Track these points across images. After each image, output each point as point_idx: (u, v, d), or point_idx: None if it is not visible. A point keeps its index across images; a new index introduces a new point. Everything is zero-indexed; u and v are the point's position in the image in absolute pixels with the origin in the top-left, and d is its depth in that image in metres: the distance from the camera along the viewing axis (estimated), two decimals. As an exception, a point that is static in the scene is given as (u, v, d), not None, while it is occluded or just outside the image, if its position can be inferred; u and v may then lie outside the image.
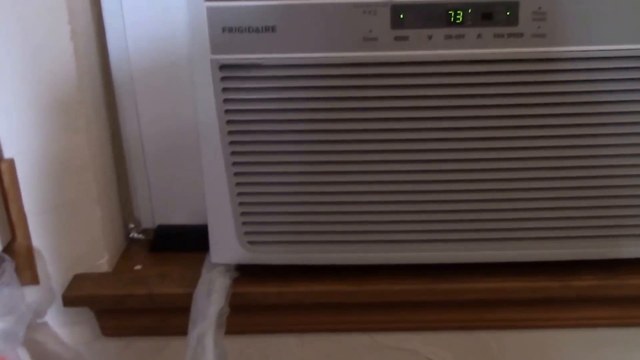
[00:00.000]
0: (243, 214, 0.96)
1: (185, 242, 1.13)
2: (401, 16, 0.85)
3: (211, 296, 0.98)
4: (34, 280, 1.07)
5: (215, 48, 0.88)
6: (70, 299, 1.04)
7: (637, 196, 0.95)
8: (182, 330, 1.07)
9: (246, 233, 0.98)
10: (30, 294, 1.06)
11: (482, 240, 0.98)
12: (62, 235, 1.05)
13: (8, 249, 1.02)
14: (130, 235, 1.17)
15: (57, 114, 0.98)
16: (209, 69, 0.88)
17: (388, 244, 0.98)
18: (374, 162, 0.93)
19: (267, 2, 0.86)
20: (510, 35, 0.85)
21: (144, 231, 1.18)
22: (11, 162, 1.01)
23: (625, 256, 1.00)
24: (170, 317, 1.08)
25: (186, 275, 1.05)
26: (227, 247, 0.99)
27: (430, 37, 0.86)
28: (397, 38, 0.86)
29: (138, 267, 1.09)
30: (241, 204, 0.96)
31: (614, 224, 0.97)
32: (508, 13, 0.84)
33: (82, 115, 0.99)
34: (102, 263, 1.07)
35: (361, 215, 0.97)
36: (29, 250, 1.05)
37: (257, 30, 0.86)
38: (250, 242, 0.98)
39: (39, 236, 1.05)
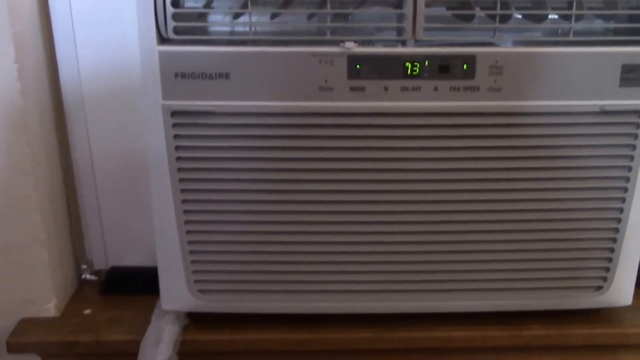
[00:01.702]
0: (193, 262, 0.87)
1: (138, 285, 1.03)
2: (357, 67, 0.77)
3: (159, 345, 0.87)
4: (-21, 324, 0.96)
5: (167, 94, 0.78)
6: (15, 345, 0.93)
7: (581, 249, 0.88)
8: (131, 375, 0.98)
9: (196, 281, 0.88)
10: (-26, 337, 0.95)
11: (434, 292, 0.90)
12: (8, 279, 0.95)
13: (-49, 293, 0.91)
14: (82, 276, 1.07)
15: (3, 156, 0.88)
16: (160, 114, 0.79)
17: (339, 294, 0.90)
18: (326, 213, 0.85)
19: (222, 48, 0.77)
20: (466, 88, 0.78)
21: (96, 272, 1.08)
22: (-44, 204, 0.90)
23: (570, 307, 0.93)
24: (120, 362, 0.98)
25: (136, 320, 0.95)
26: (177, 294, 0.89)
27: (386, 89, 0.78)
28: (353, 88, 0.78)
29: (87, 311, 0.99)
30: (192, 252, 0.87)
31: (560, 277, 0.90)
32: (465, 66, 0.77)
33: (28, 157, 0.89)
34: (50, 307, 0.97)
35: (312, 265, 0.88)
36: (-27, 294, 0.94)
37: (210, 76, 0.78)
38: (201, 291, 0.89)
39: (-17, 279, 0.94)
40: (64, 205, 1.02)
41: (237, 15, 0.79)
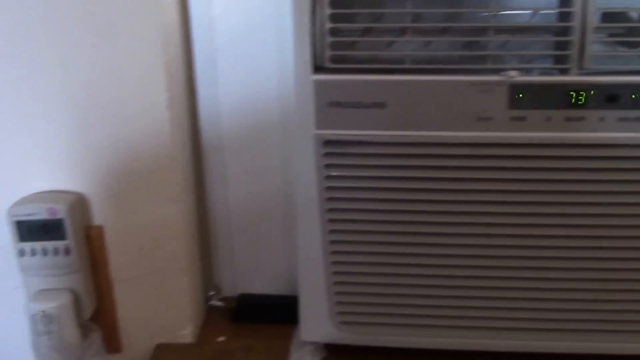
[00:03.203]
0: (337, 293, 0.85)
1: (269, 313, 1.02)
2: (519, 96, 0.74)
3: (302, 377, 0.86)
4: (117, 348, 0.96)
5: (320, 123, 0.77)
6: (155, 372, 0.93)
7: None
8: (263, 405, 0.97)
9: (339, 313, 0.86)
10: (112, 362, 0.95)
11: (588, 332, 0.85)
12: (147, 305, 0.95)
13: (93, 316, 0.92)
14: (210, 302, 1.06)
15: (150, 183, 0.89)
16: (311, 143, 0.78)
17: (484, 331, 0.86)
18: (476, 246, 0.81)
19: (378, 77, 0.75)
20: (636, 119, 0.73)
21: (223, 299, 1.07)
22: (100, 229, 0.91)
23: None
24: (253, 392, 0.96)
25: (272, 350, 0.94)
26: (318, 325, 0.87)
27: (548, 119, 0.74)
28: (513, 118, 0.75)
29: (221, 338, 0.98)
30: (336, 283, 0.84)
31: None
32: (634, 96, 0.73)
33: (174, 184, 0.89)
34: (186, 334, 0.96)
35: (456, 300, 0.84)
36: (114, 319, 0.95)
37: (365, 105, 0.76)
38: (343, 322, 0.86)
39: (123, 305, 0.95)
40: (198, 233, 1.02)
41: (392, 43, 0.77)
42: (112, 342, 0.95)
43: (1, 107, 0.85)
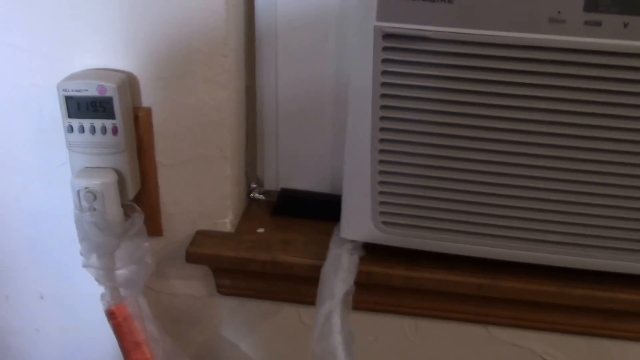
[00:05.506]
0: (382, 193, 0.81)
1: (309, 209, 0.98)
2: (597, -2, 0.67)
3: (340, 274, 0.82)
4: (157, 231, 0.94)
5: (382, 14, 0.71)
6: (194, 256, 0.90)
7: None
8: (296, 298, 0.96)
9: (382, 213, 0.82)
10: (152, 244, 0.92)
11: (628, 251, 0.80)
12: (190, 190, 0.92)
13: (136, 198, 0.89)
14: (251, 194, 1.03)
15: (200, 66, 0.84)
16: (371, 36, 0.72)
17: (524, 242, 0.81)
18: (527, 156, 0.76)
19: (448, -31, 0.68)
20: None
21: (265, 192, 1.03)
22: (148, 111, 0.87)
23: None
24: (288, 284, 0.94)
25: (310, 245, 0.91)
26: (359, 224, 0.84)
27: (626, 25, 0.67)
28: (587, 22, 0.68)
29: (260, 230, 0.95)
30: (382, 182, 0.80)
31: None
32: None
33: (225, 70, 0.84)
34: (226, 222, 0.93)
35: (500, 209, 0.80)
36: (156, 202, 0.92)
37: (431, -1, 0.69)
38: (385, 223, 0.83)
39: (166, 189, 0.92)
40: (244, 122, 0.97)
41: None
42: (153, 225, 0.93)
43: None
